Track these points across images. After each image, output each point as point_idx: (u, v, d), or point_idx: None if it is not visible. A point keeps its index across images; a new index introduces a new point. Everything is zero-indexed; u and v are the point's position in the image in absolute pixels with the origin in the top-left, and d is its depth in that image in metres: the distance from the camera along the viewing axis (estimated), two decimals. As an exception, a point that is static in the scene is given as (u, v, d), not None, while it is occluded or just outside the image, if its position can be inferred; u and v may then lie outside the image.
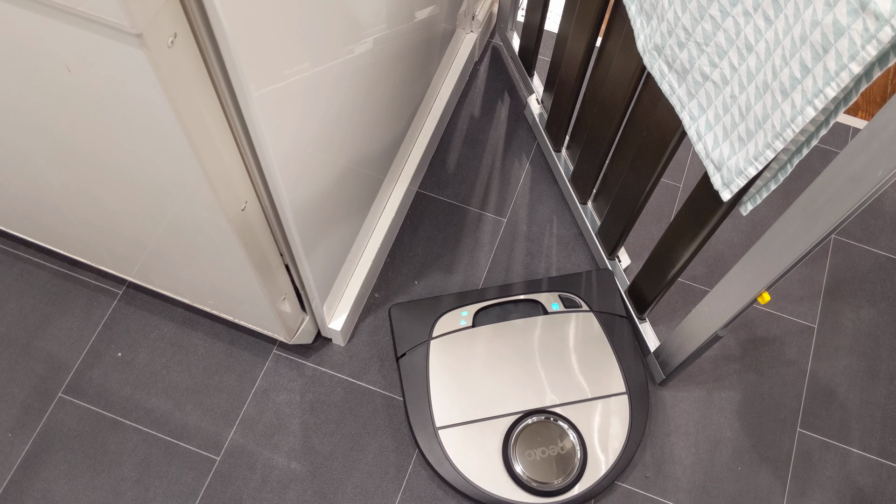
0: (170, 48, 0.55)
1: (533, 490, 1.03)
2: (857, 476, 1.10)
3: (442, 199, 1.28)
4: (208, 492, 1.06)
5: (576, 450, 1.05)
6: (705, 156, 0.76)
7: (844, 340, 1.20)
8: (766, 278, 0.80)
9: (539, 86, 1.33)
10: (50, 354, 1.14)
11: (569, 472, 1.04)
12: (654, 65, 0.80)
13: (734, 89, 0.69)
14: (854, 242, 1.27)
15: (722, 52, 0.69)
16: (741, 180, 0.71)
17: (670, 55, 0.76)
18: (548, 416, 1.07)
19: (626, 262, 1.21)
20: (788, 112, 0.62)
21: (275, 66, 0.64)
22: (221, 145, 0.68)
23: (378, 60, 0.91)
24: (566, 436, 1.06)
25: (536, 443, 1.05)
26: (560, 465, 1.05)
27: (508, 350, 1.12)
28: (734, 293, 0.86)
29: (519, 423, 1.07)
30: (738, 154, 0.71)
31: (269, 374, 1.13)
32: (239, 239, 0.79)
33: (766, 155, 0.67)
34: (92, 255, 1.09)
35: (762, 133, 0.66)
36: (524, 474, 1.04)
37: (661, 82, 0.80)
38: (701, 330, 0.96)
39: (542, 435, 1.06)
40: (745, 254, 0.82)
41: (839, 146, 1.36)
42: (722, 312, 0.90)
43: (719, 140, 0.73)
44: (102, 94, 0.62)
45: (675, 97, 0.78)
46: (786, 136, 0.64)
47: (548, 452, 1.05)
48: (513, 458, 1.04)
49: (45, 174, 0.85)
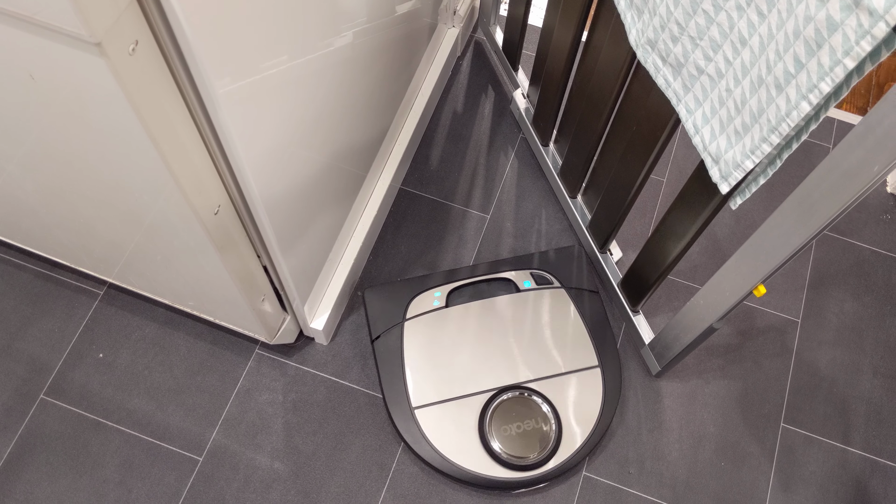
0: (131, 55, 0.54)
1: (510, 465, 1.05)
2: (841, 471, 1.11)
3: (425, 195, 1.28)
4: (191, 493, 1.06)
5: (551, 424, 1.07)
6: (703, 148, 0.76)
7: (828, 334, 1.20)
8: (761, 272, 0.80)
9: (524, 80, 1.32)
10: (31, 356, 1.13)
11: (544, 445, 1.06)
12: (647, 59, 0.79)
13: (729, 83, 0.69)
14: (838, 236, 1.27)
15: (716, 46, 0.69)
16: (739, 173, 0.71)
17: (664, 49, 0.76)
18: (522, 392, 1.09)
19: (618, 255, 1.21)
20: (783, 106, 0.62)
21: (240, 65, 0.63)
22: (191, 149, 0.68)
23: (357, 56, 0.90)
24: (541, 410, 1.08)
25: (512, 418, 1.07)
26: (536, 440, 1.06)
27: (482, 328, 1.13)
28: (730, 286, 0.86)
29: (494, 399, 1.08)
30: (735, 147, 0.71)
31: (252, 374, 1.13)
32: (213, 243, 0.78)
33: (763, 149, 0.67)
34: (71, 258, 1.08)
35: (758, 127, 0.66)
36: (501, 450, 1.05)
37: (655, 76, 0.79)
38: (697, 322, 0.96)
39: (517, 411, 1.08)
40: (741, 247, 0.82)
41: (823, 138, 1.35)
42: (718, 305, 0.90)
43: (716, 133, 0.73)
44: (67, 102, 0.61)
45: (670, 90, 0.78)
46: (781, 130, 0.64)
47: (523, 427, 1.07)
48: (489, 434, 1.06)
49: (20, 180, 0.85)
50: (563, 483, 1.08)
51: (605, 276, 1.19)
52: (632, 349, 1.17)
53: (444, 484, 1.07)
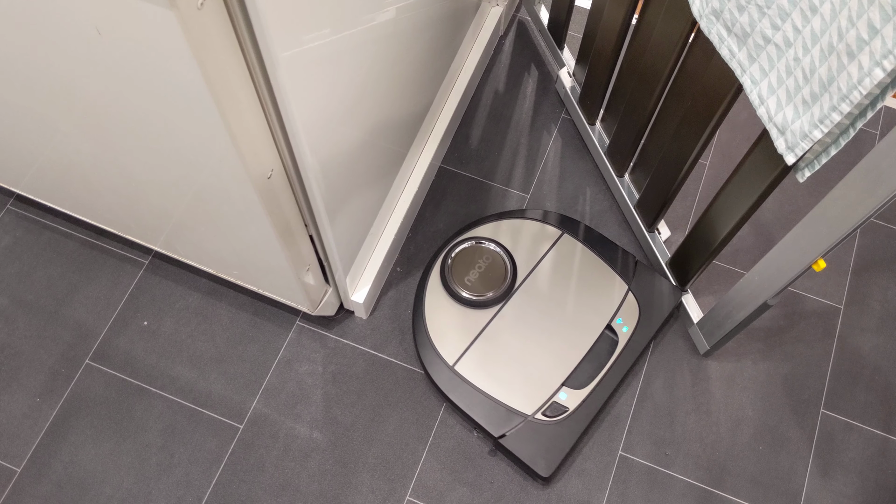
0: (199, 10, 0.55)
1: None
2: (881, 459, 1.10)
3: (465, 174, 1.28)
4: (231, 459, 1.07)
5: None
6: (768, 119, 0.75)
7: (871, 321, 1.18)
8: (823, 245, 0.79)
9: (570, 59, 1.32)
10: (77, 322, 1.16)
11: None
12: (711, 29, 0.79)
13: (797, 52, 0.68)
14: (883, 223, 1.26)
15: (784, 15, 0.68)
16: (806, 143, 0.70)
17: (729, 19, 0.75)
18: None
19: (667, 234, 1.20)
20: (855, 74, 0.61)
21: (302, 30, 0.64)
22: (248, 111, 0.68)
23: (402, 30, 0.91)
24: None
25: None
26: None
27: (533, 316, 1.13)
28: (788, 260, 0.85)
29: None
30: (802, 118, 0.70)
31: (293, 345, 1.14)
32: (264, 207, 0.79)
33: (832, 118, 0.66)
34: (119, 225, 1.10)
35: (827, 96, 0.66)
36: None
37: (719, 47, 0.79)
38: (751, 298, 0.95)
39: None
40: (802, 219, 0.81)
41: (871, 125, 1.33)
42: (774, 280, 0.88)
43: (783, 103, 0.72)
44: (132, 57, 0.62)
45: (734, 61, 0.77)
46: (852, 98, 0.63)
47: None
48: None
49: (74, 142, 0.86)
50: (598, 462, 1.08)
51: (653, 256, 1.19)
52: (673, 331, 1.17)
53: (480, 458, 1.08)
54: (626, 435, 1.10)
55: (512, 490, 1.06)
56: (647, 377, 1.14)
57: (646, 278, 1.14)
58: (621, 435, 1.10)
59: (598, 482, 1.07)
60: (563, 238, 1.17)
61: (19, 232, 1.22)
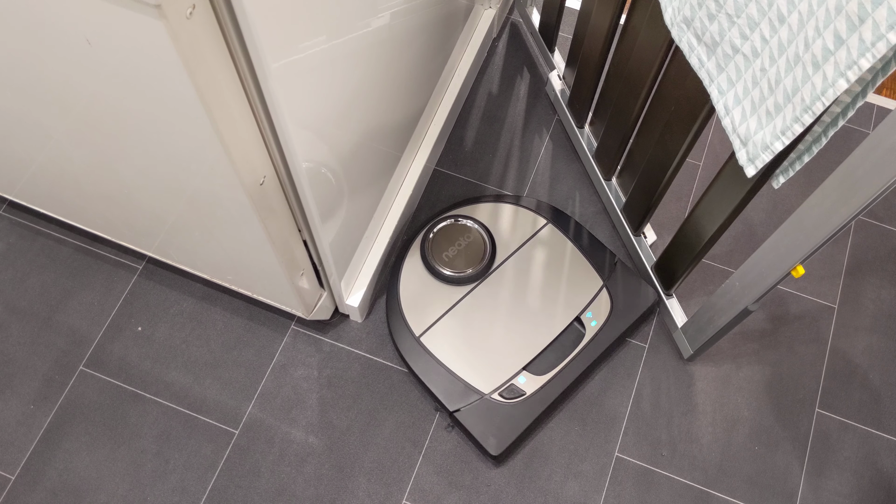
0: (188, 19, 0.55)
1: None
2: (876, 457, 1.10)
3: (459, 176, 1.28)
4: (227, 464, 1.07)
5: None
6: (732, 130, 0.75)
7: (865, 321, 1.19)
8: (801, 251, 0.79)
9: (560, 62, 1.32)
10: (71, 328, 1.15)
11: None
12: (682, 38, 0.79)
13: (764, 62, 0.68)
14: (875, 222, 1.26)
15: (753, 24, 0.68)
16: (767, 155, 0.70)
17: (700, 28, 0.75)
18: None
19: (652, 238, 1.20)
20: (819, 85, 0.61)
21: (292, 38, 0.64)
22: (240, 118, 0.68)
23: (395, 35, 0.91)
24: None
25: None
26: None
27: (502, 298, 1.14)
28: (767, 266, 0.85)
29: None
30: (765, 129, 0.70)
31: (287, 350, 1.14)
32: (257, 213, 0.79)
33: (794, 129, 0.66)
34: (112, 230, 1.10)
35: (791, 107, 0.65)
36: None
37: (689, 56, 0.78)
38: (731, 304, 0.95)
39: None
40: (780, 226, 0.81)
41: (863, 124, 1.34)
42: (754, 286, 0.89)
43: (747, 114, 0.72)
44: (122, 67, 0.62)
45: (703, 71, 0.77)
46: (815, 109, 0.63)
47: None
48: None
49: (67, 149, 0.86)
50: (594, 463, 1.08)
51: (639, 259, 1.19)
52: (664, 333, 1.17)
53: (477, 461, 1.08)
54: (622, 436, 1.10)
55: (508, 493, 1.06)
56: (642, 378, 1.14)
57: (623, 277, 1.15)
58: (617, 436, 1.10)
59: (594, 483, 1.07)
60: (548, 228, 1.18)
61: (12, 238, 1.21)
